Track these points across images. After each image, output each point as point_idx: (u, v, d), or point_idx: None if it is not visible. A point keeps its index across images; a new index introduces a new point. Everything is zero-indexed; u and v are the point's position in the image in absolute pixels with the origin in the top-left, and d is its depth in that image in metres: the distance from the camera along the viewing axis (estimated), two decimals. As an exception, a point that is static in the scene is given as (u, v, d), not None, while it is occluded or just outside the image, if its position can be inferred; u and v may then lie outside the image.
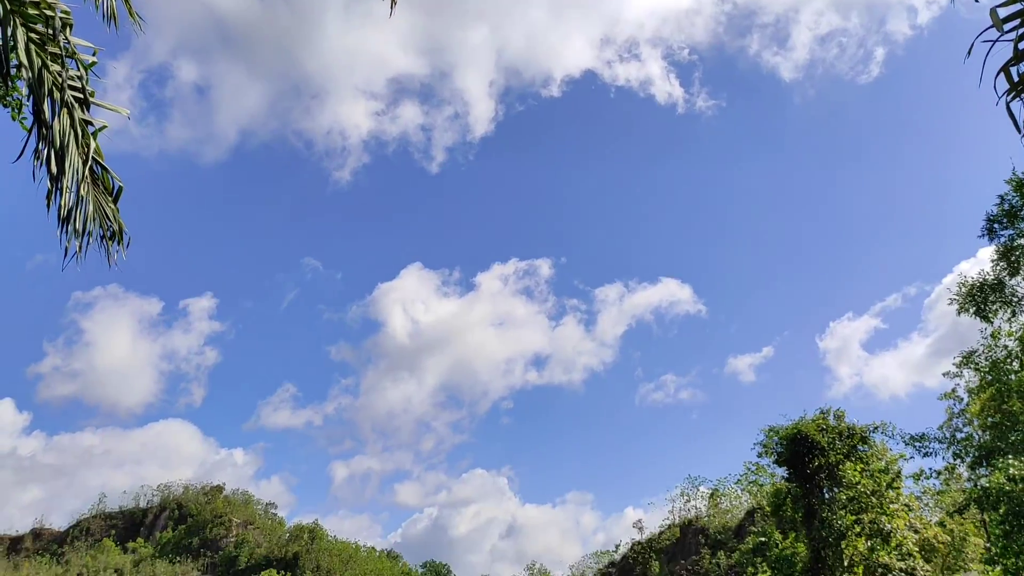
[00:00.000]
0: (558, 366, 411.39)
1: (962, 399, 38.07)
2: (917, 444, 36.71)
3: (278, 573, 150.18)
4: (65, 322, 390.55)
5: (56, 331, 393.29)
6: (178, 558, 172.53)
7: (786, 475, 43.01)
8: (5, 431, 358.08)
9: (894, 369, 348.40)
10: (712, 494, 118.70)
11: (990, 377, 34.82)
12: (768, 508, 47.76)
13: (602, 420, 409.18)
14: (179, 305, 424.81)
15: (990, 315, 33.15)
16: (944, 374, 38.42)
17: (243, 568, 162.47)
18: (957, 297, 33.99)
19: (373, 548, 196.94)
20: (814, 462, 39.99)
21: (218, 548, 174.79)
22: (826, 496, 40.39)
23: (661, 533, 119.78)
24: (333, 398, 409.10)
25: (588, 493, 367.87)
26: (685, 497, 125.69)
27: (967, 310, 33.63)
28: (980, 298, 33.04)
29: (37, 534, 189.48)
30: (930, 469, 38.94)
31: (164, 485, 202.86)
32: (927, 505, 52.19)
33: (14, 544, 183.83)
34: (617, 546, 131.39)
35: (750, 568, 59.95)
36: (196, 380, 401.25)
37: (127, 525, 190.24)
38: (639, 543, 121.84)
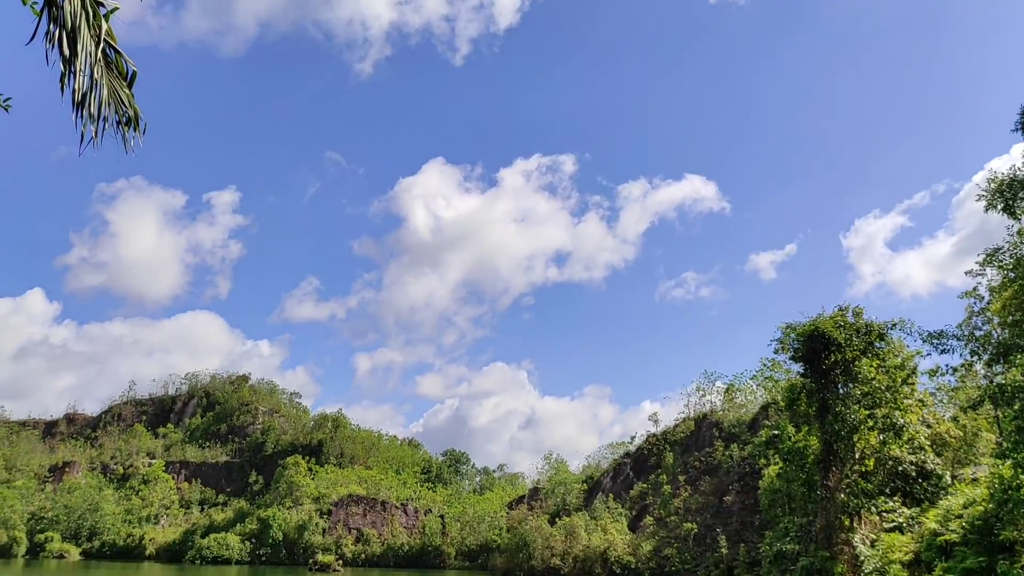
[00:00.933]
0: (579, 263, 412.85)
1: (983, 297, 37.86)
2: (935, 341, 36.66)
3: (303, 459, 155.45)
4: (90, 213, 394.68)
5: (81, 222, 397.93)
6: (207, 443, 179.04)
7: (802, 371, 43.44)
8: (36, 320, 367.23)
9: (917, 268, 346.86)
10: (727, 389, 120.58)
11: (1013, 275, 34.46)
12: (782, 403, 48.46)
13: (622, 317, 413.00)
14: (203, 198, 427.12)
15: (1018, 212, 32.52)
16: (967, 272, 38.05)
17: (270, 454, 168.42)
18: (985, 193, 33.27)
19: (395, 437, 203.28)
20: (830, 358, 40.26)
21: (245, 435, 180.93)
22: (840, 391, 40.83)
23: (676, 426, 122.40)
24: (356, 292, 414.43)
25: (606, 387, 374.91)
26: (701, 392, 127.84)
27: (995, 206, 32.98)
28: (1009, 194, 32.36)
29: (71, 419, 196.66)
30: (946, 366, 39.05)
31: (191, 374, 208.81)
32: (941, 401, 52.71)
33: (49, 428, 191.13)
34: (632, 438, 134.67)
35: (762, 460, 61.36)
36: (221, 273, 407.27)
37: (157, 412, 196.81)
38: (654, 435, 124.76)
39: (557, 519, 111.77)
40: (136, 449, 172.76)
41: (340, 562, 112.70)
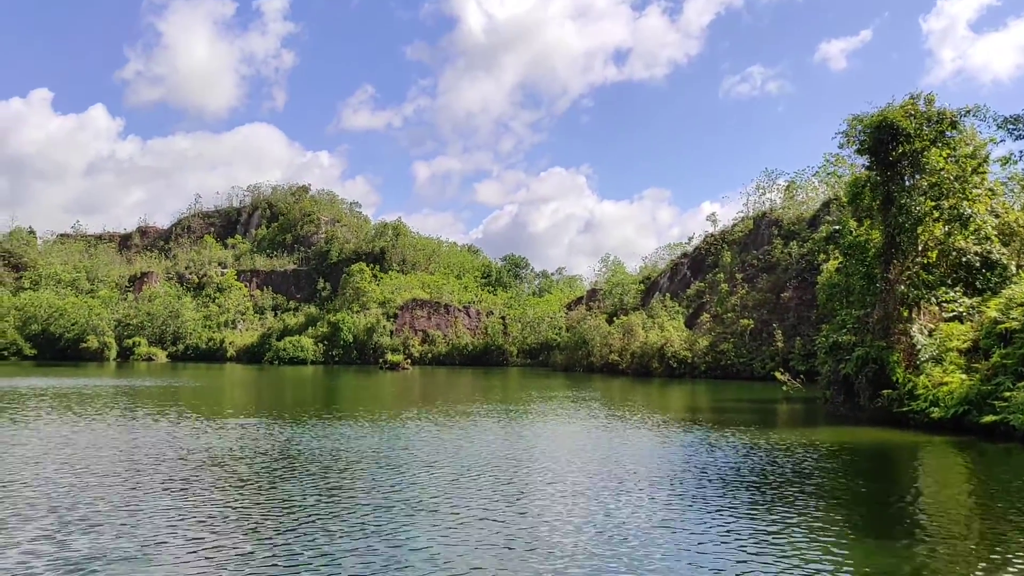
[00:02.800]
0: (639, 61, 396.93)
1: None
2: (1010, 127, 34.65)
3: (367, 266, 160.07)
4: (142, 26, 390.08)
5: (134, 36, 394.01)
6: (274, 253, 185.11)
7: (867, 164, 41.96)
8: (101, 136, 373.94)
9: (1001, 51, 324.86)
10: (788, 186, 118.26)
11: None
12: (845, 198, 47.30)
13: (683, 116, 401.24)
14: (252, 5, 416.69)
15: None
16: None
17: (334, 262, 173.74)
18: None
19: (455, 243, 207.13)
20: (898, 149, 38.67)
21: (309, 244, 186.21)
22: (906, 183, 39.53)
23: (734, 225, 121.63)
24: (411, 99, 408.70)
25: (666, 189, 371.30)
26: (761, 190, 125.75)
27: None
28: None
29: (143, 232, 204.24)
30: (1019, 153, 37.09)
31: (254, 186, 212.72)
32: (1012, 191, 50.76)
33: (124, 241, 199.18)
34: (690, 238, 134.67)
35: (821, 255, 60.96)
36: (276, 84, 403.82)
37: (224, 223, 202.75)
38: (712, 235, 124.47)
39: (615, 318, 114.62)
40: (208, 259, 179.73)
41: (408, 361, 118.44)
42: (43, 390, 51.79)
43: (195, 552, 12.86)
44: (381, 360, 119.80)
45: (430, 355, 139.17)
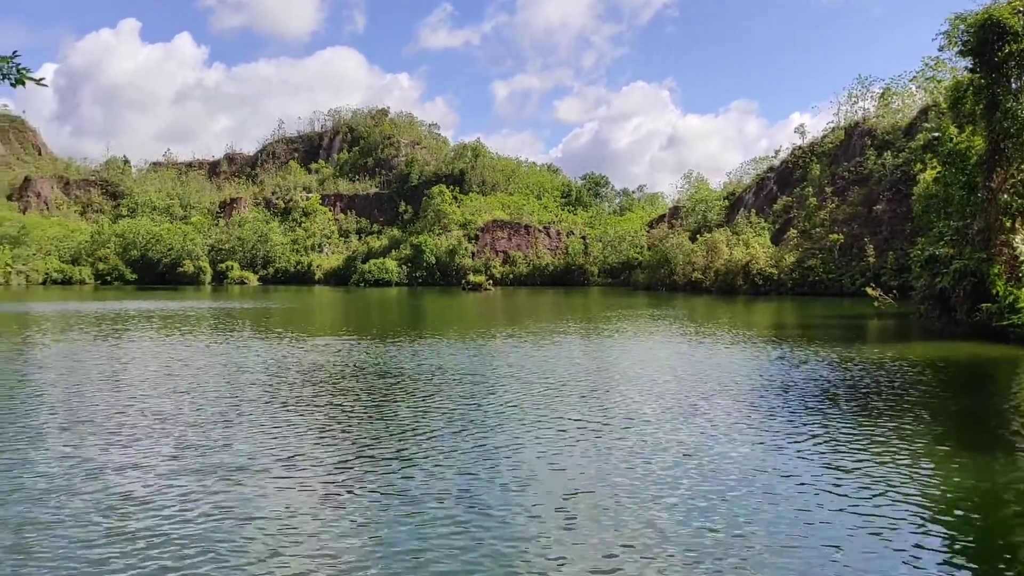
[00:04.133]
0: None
1: None
2: None
3: (447, 188, 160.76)
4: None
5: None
6: (356, 177, 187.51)
7: (969, 66, 39.56)
8: (188, 64, 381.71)
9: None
10: (883, 94, 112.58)
11: None
12: (945, 104, 44.87)
13: (774, 23, 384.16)
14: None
15: None
16: None
17: (415, 184, 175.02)
18: None
19: (534, 163, 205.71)
20: (1004, 49, 36.25)
21: (390, 167, 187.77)
22: (1013, 86, 37.21)
23: (824, 137, 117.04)
24: (489, 17, 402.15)
25: (753, 101, 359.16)
26: (853, 99, 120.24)
27: None
28: None
29: (231, 159, 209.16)
30: None
31: (334, 110, 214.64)
32: None
33: (212, 168, 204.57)
34: (777, 152, 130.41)
35: (918, 165, 58.27)
36: (356, 6, 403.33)
37: (307, 148, 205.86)
38: (800, 148, 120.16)
39: (698, 236, 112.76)
40: (293, 184, 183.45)
41: (490, 282, 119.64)
42: (151, 312, 54.38)
43: (307, 461, 13.48)
44: (463, 281, 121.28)
45: (511, 276, 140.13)
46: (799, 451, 14.15)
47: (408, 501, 11.14)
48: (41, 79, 10.84)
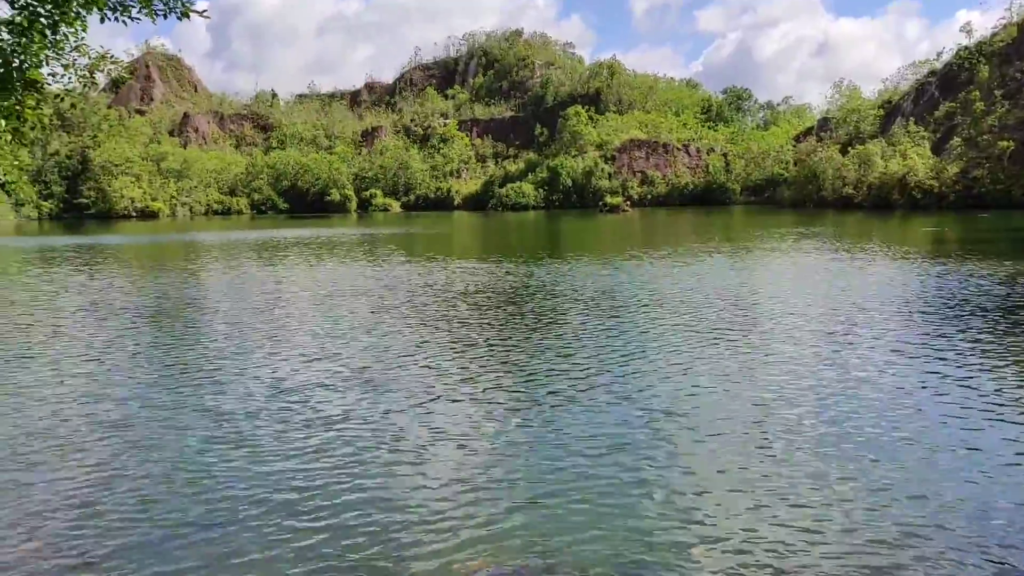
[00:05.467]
0: None
1: None
2: None
3: (583, 108, 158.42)
4: None
5: None
6: (491, 101, 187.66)
7: None
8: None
9: None
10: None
11: None
12: None
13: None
14: None
15: None
16: None
17: (550, 106, 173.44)
18: None
19: (672, 79, 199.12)
20: None
21: (525, 89, 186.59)
22: None
23: (994, 34, 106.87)
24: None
25: (914, 0, 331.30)
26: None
27: None
28: None
29: (370, 88, 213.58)
30: None
31: (469, 34, 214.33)
32: None
33: (354, 98, 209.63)
34: (939, 54, 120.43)
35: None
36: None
37: (443, 74, 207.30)
38: (966, 48, 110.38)
39: (849, 148, 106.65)
40: (430, 111, 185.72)
41: (628, 203, 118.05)
42: (305, 239, 57.15)
43: (452, 383, 13.99)
44: (600, 203, 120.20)
45: (649, 196, 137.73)
46: (961, 368, 13.44)
47: (553, 426, 11.38)
48: (204, 11, 11.33)
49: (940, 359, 14.33)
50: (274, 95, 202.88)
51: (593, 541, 7.43)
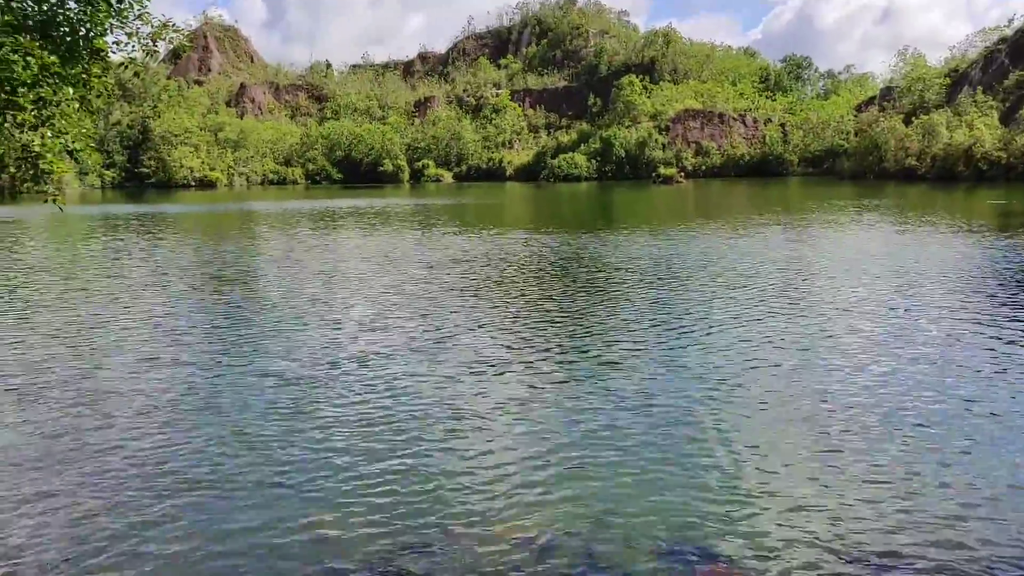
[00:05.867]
0: None
1: None
2: None
3: (637, 78, 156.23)
4: None
5: None
6: (544, 70, 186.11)
7: None
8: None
9: None
10: None
11: None
12: None
13: None
14: None
15: None
16: None
17: (604, 75, 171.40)
18: None
19: (729, 47, 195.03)
20: None
21: (579, 58, 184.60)
22: None
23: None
24: None
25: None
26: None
27: None
28: None
29: (423, 58, 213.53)
30: None
31: (523, 2, 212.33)
32: None
33: (407, 68, 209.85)
34: (1011, 20, 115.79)
35: None
36: None
37: (495, 44, 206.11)
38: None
39: (913, 118, 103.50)
40: (483, 81, 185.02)
41: (682, 174, 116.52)
42: (359, 209, 57.70)
43: (504, 351, 14.04)
44: (654, 174, 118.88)
45: (704, 167, 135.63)
46: (1038, 349, 13.04)
47: (605, 395, 11.35)
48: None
49: (1007, 334, 13.92)
50: (328, 66, 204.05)
51: (644, 511, 7.43)
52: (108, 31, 10.63)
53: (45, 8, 10.19)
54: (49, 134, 10.52)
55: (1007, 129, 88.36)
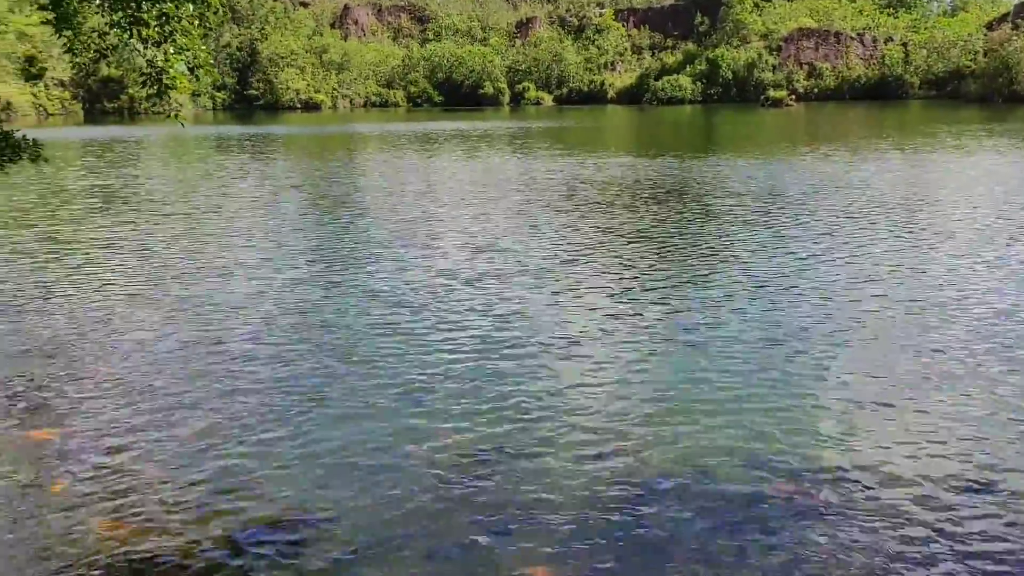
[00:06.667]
0: None
1: None
2: None
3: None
4: None
5: None
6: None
7: None
8: None
9: None
10: None
11: None
12: None
13: None
14: None
15: None
16: None
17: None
18: None
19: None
20: None
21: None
22: None
23: None
24: None
25: None
26: None
27: None
28: None
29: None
30: None
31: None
32: None
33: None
34: None
35: None
36: None
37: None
38: None
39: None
40: (586, 0, 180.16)
41: (792, 97, 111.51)
42: (461, 131, 57.80)
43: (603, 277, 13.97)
44: (762, 97, 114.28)
45: (816, 90, 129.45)
46: None
47: (706, 327, 11.18)
48: None
49: None
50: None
51: (744, 449, 7.34)
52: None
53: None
54: (171, 50, 10.82)
55: None
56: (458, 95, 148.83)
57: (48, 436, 7.56)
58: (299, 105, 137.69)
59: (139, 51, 10.78)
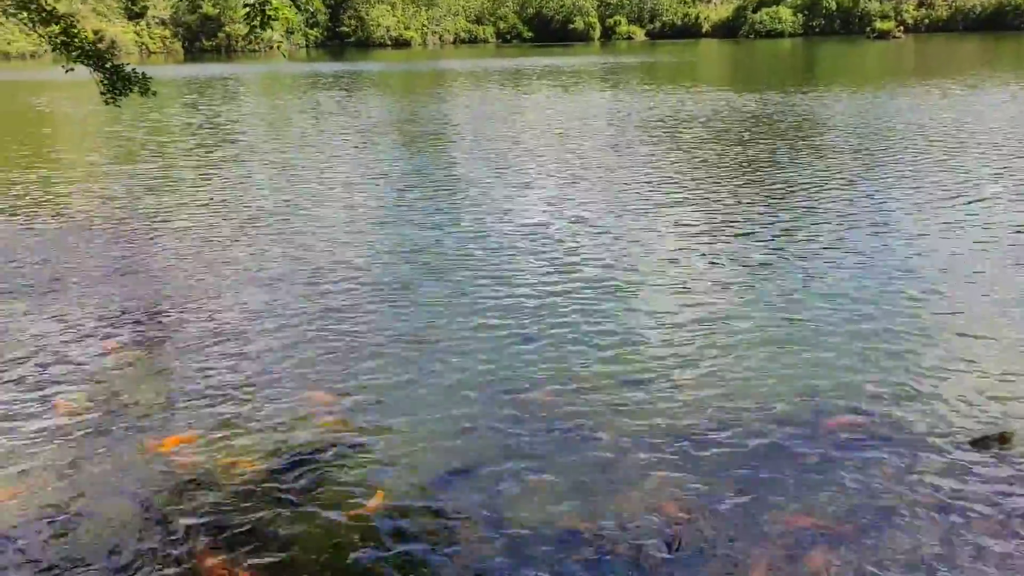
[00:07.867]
0: None
1: None
2: None
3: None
4: None
5: None
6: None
7: None
8: None
9: None
10: None
11: None
12: None
13: None
14: None
15: None
16: None
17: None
18: None
19: None
20: None
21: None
22: None
23: None
24: None
25: None
26: None
27: None
28: None
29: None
30: None
31: None
32: None
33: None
34: None
35: None
36: None
37: None
38: None
39: None
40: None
41: (900, 29, 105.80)
42: (555, 68, 57.11)
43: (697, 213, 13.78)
44: (868, 28, 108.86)
45: (927, 21, 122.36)
46: None
47: (797, 272, 10.94)
48: None
49: None
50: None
51: (846, 382, 7.25)
52: None
53: None
54: (274, -19, 10.98)
55: None
56: (548, 31, 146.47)
57: (161, 370, 7.94)
58: (389, 42, 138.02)
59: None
